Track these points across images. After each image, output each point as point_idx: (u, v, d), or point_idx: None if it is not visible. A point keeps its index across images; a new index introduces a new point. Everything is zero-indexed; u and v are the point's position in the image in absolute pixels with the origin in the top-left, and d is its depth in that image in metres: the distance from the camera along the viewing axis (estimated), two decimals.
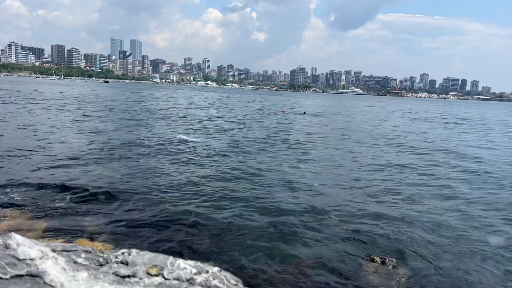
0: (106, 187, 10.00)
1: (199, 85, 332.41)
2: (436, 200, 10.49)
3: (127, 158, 13.84)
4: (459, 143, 23.97)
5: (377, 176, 13.04)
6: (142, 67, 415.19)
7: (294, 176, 12.44)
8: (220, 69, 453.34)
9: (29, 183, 9.82)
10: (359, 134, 26.18)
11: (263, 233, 7.54)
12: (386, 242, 7.39)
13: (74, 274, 1.30)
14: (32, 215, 7.63)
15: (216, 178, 11.58)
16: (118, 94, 72.59)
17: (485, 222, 8.83)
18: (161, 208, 8.59)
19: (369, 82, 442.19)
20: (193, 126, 25.60)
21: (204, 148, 16.76)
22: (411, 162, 15.84)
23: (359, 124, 35.43)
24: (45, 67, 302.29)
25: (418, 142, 23.22)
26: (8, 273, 1.20)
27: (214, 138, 20.44)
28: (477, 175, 14.14)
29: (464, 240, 7.74)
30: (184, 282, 1.33)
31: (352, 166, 14.72)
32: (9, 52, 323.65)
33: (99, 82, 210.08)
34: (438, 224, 8.49)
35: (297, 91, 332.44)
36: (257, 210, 8.81)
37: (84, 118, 26.48)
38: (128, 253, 1.44)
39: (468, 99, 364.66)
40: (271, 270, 6.07)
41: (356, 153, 17.93)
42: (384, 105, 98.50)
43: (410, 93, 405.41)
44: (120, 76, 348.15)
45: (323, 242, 7.27)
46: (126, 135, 19.71)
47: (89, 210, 8.21)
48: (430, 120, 46.90)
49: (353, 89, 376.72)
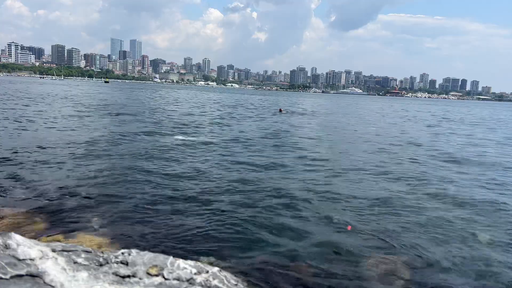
0: (106, 187, 10.00)
1: (199, 85, 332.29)
2: (436, 199, 10.49)
3: (127, 158, 13.84)
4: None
5: (375, 175, 13.04)
6: (142, 67, 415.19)
7: (293, 175, 12.43)
8: (220, 69, 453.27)
9: (30, 182, 9.83)
10: (357, 134, 26.22)
11: (263, 232, 7.53)
12: (387, 241, 7.39)
13: (74, 274, 1.29)
14: (32, 214, 7.63)
15: (215, 177, 11.57)
16: (129, 96, 72.52)
17: (486, 222, 8.83)
18: (161, 208, 8.59)
19: (369, 82, 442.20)
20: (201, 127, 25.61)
21: (204, 147, 16.76)
22: (410, 162, 15.85)
23: (347, 124, 35.43)
24: (45, 67, 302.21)
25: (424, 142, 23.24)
26: (8, 273, 1.19)
27: (214, 137, 20.45)
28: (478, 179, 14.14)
29: (465, 239, 7.74)
30: (184, 282, 1.32)
31: (349, 164, 14.71)
32: (9, 52, 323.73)
33: (99, 82, 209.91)
34: (438, 222, 8.49)
35: (297, 91, 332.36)
36: (256, 210, 8.80)
37: (89, 117, 26.48)
38: (128, 253, 1.43)
39: (468, 99, 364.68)
40: (271, 269, 6.06)
41: (354, 153, 17.93)
42: (382, 105, 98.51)
43: (410, 93, 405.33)
44: (120, 76, 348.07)
45: (323, 241, 7.26)
46: (127, 135, 19.70)
47: (89, 210, 8.20)
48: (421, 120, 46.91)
49: (353, 89, 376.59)
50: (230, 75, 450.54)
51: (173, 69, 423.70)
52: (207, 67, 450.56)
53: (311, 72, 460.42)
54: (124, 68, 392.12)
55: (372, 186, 11.68)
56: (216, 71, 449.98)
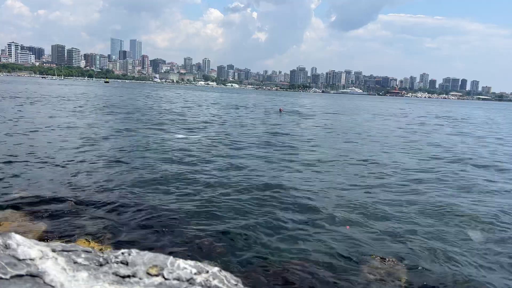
0: (106, 187, 10.01)
1: (199, 85, 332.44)
2: (435, 198, 10.49)
3: (127, 158, 13.85)
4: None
5: (374, 173, 13.04)
6: (142, 67, 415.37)
7: (291, 174, 12.44)
8: (220, 69, 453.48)
9: (30, 183, 9.84)
10: (356, 134, 26.23)
11: (262, 232, 7.53)
12: (386, 241, 7.39)
13: (74, 274, 1.29)
14: (32, 216, 7.63)
15: (214, 177, 11.57)
16: (132, 96, 72.53)
17: (485, 221, 8.83)
18: (161, 208, 8.59)
19: (369, 82, 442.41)
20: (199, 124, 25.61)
21: (203, 146, 16.77)
22: (408, 160, 15.85)
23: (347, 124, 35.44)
24: (45, 67, 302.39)
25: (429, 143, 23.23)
26: (8, 273, 1.19)
27: (214, 136, 20.46)
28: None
29: (465, 238, 7.74)
30: (184, 282, 1.32)
31: (346, 165, 14.72)
32: (9, 52, 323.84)
33: (99, 82, 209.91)
34: (437, 223, 8.50)
35: (297, 91, 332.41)
36: (256, 209, 8.81)
37: (89, 117, 26.49)
38: (128, 253, 1.43)
39: (468, 99, 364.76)
40: (271, 269, 6.07)
41: (350, 153, 17.93)
42: (379, 105, 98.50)
43: (410, 93, 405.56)
44: (120, 76, 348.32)
45: (323, 241, 7.27)
46: (128, 135, 19.71)
47: (89, 210, 8.20)
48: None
49: (353, 89, 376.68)
50: (230, 75, 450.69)
51: (173, 69, 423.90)
52: (207, 67, 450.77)
53: (311, 72, 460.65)
54: (124, 68, 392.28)
55: (375, 187, 11.68)
56: (216, 71, 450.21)
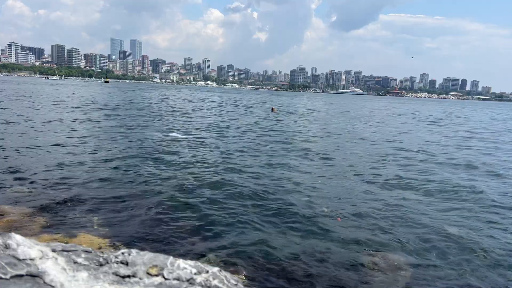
0: (106, 186, 10.00)
1: (199, 85, 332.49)
2: (433, 196, 10.49)
3: (127, 158, 13.84)
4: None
5: (372, 171, 13.05)
6: (142, 67, 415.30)
7: (289, 172, 12.44)
8: (220, 69, 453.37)
9: (30, 182, 9.83)
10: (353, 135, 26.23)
11: (262, 230, 7.54)
12: (386, 238, 7.39)
13: (74, 274, 1.30)
14: (31, 213, 7.63)
15: (214, 177, 11.56)
16: (135, 96, 72.52)
17: (486, 220, 8.83)
18: (160, 207, 8.58)
19: (369, 82, 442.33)
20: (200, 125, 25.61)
21: (201, 146, 16.77)
22: (409, 160, 15.85)
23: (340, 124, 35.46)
24: (45, 67, 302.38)
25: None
26: (8, 273, 1.20)
27: (212, 135, 20.46)
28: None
29: (464, 237, 7.74)
30: (184, 282, 1.33)
31: (343, 163, 14.72)
32: (9, 52, 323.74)
33: (99, 82, 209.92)
34: (439, 219, 8.50)
35: (297, 91, 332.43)
36: (255, 209, 8.80)
37: (90, 116, 26.48)
38: (128, 253, 1.43)
39: (468, 99, 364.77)
40: (271, 268, 6.06)
41: (349, 152, 17.94)
42: (379, 105, 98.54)
43: (410, 93, 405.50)
44: (120, 76, 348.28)
45: (322, 239, 7.27)
46: (127, 135, 19.71)
47: (89, 209, 8.20)
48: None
49: (353, 89, 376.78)
50: (230, 75, 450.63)
51: (173, 69, 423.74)
52: (207, 67, 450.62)
53: (311, 72, 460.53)
54: (124, 68, 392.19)
55: (372, 184, 11.69)
56: (216, 71, 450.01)
